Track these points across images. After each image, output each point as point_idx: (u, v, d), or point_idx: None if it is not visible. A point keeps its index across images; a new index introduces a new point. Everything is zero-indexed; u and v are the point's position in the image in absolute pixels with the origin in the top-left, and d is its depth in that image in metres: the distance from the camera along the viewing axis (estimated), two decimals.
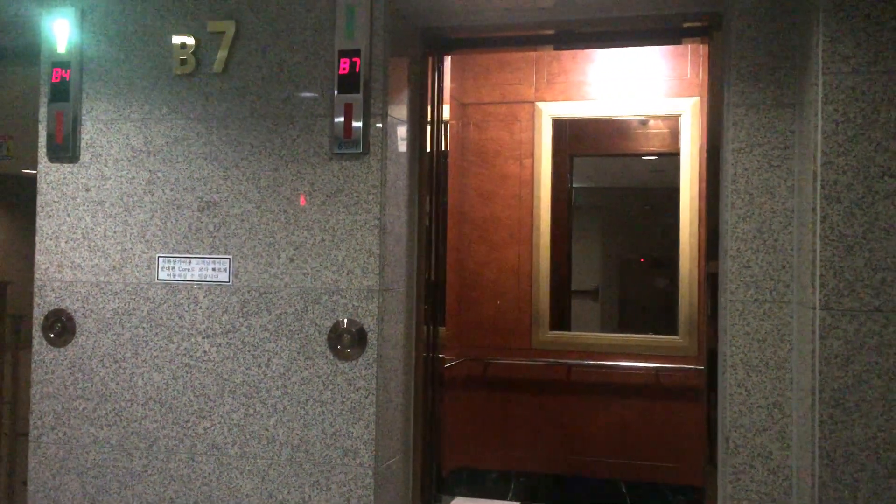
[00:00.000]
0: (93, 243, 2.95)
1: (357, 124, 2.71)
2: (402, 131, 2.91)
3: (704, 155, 2.92)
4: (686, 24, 2.94)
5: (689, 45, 4.41)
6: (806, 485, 2.29)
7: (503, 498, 4.57)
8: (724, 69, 2.65)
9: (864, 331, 2.20)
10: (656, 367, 4.52)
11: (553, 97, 4.74)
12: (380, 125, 2.73)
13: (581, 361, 4.65)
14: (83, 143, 2.98)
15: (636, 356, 4.59)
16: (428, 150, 3.11)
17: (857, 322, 2.20)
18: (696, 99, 4.45)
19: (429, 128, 3.12)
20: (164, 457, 2.87)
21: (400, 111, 2.89)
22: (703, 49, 4.30)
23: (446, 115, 3.32)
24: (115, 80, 2.96)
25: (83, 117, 2.98)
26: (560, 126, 4.79)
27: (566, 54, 4.68)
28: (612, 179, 5.34)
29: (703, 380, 2.84)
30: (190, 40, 2.88)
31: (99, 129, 2.97)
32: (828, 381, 2.21)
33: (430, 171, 3.15)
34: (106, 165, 2.95)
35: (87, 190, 2.97)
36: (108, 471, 2.92)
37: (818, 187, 2.24)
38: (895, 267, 2.19)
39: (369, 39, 2.72)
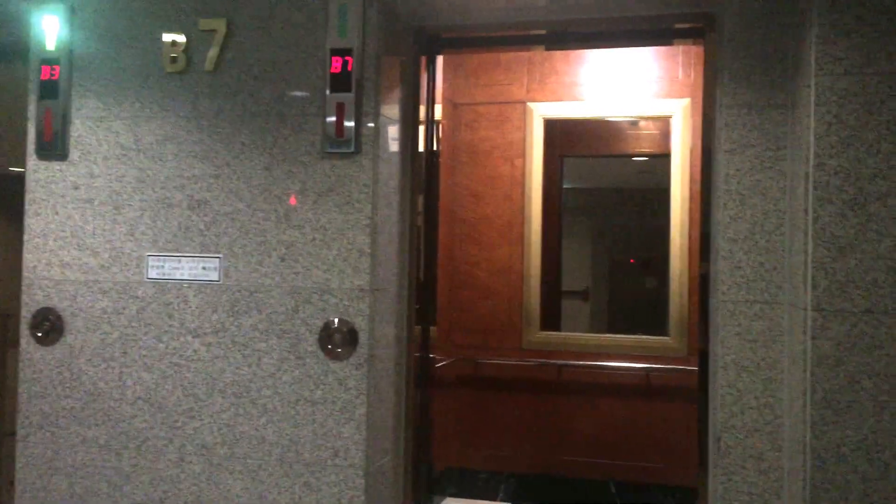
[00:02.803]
0: (81, 242, 2.93)
1: (349, 123, 2.70)
2: (393, 131, 2.90)
3: (696, 156, 2.92)
4: (678, 26, 2.95)
5: (681, 47, 4.42)
6: (797, 486, 2.30)
7: (493, 498, 4.57)
8: (716, 70, 2.65)
9: (856, 332, 2.20)
10: (646, 368, 4.53)
11: (544, 97, 4.74)
12: (372, 124, 2.72)
13: (571, 362, 4.66)
14: (72, 141, 2.95)
15: (626, 356, 4.60)
16: (420, 149, 3.11)
17: (849, 323, 2.20)
18: (688, 100, 4.46)
19: (420, 127, 3.11)
20: (153, 457, 2.85)
21: (392, 110, 2.88)
22: (694, 50, 4.32)
23: (438, 114, 3.32)
24: (105, 77, 2.93)
25: (72, 115, 2.96)
26: (551, 126, 4.79)
27: (558, 55, 4.69)
28: (602, 180, 5.35)
29: (695, 381, 2.84)
30: (181, 38, 2.86)
31: (88, 126, 2.94)
32: (819, 382, 2.22)
33: (422, 171, 3.14)
34: (95, 163, 2.93)
35: (76, 188, 2.94)
36: (96, 471, 2.89)
37: (810, 188, 2.24)
38: (886, 268, 2.19)
39: (362, 38, 2.71)
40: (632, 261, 5.22)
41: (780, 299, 2.49)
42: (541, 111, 4.74)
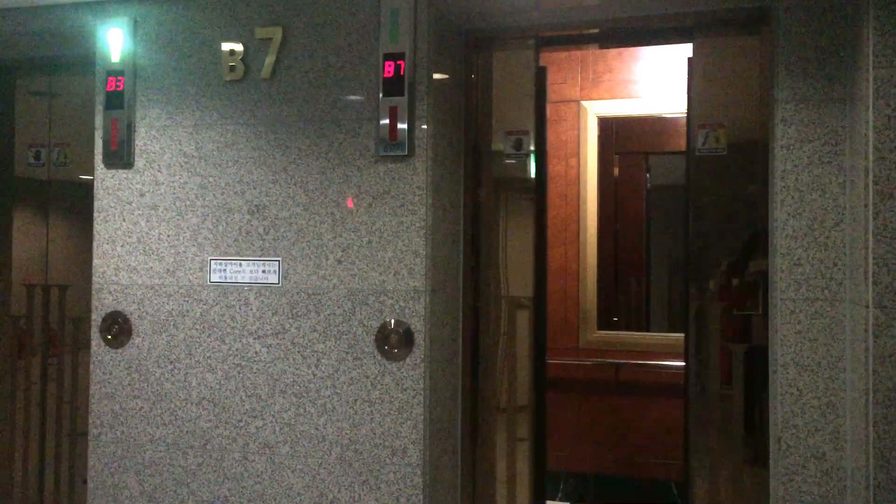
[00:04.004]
0: (147, 247, 3.03)
1: (402, 126, 2.73)
2: (446, 133, 2.93)
3: None
4: (732, 20, 2.91)
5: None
6: (860, 486, 2.25)
7: (552, 498, 4.56)
8: (772, 65, 2.61)
9: None
10: None
11: (599, 96, 4.72)
12: (425, 127, 2.75)
13: (629, 361, 4.62)
14: (137, 150, 3.06)
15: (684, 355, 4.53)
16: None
17: None
18: None
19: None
20: (218, 455, 2.93)
21: (444, 113, 2.91)
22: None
23: None
24: (168, 87, 3.03)
25: (137, 124, 3.06)
26: (606, 125, 4.76)
27: (611, 53, 4.66)
28: (664, 177, 5.29)
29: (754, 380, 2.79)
30: (238, 47, 2.93)
31: (152, 135, 3.04)
32: (882, 381, 2.17)
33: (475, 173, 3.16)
34: (159, 171, 3.03)
35: (142, 195, 3.04)
36: (164, 469, 2.99)
37: (870, 183, 2.20)
38: None
39: (413, 42, 2.74)
40: None
41: (840, 297, 2.44)
42: (595, 109, 4.72)
